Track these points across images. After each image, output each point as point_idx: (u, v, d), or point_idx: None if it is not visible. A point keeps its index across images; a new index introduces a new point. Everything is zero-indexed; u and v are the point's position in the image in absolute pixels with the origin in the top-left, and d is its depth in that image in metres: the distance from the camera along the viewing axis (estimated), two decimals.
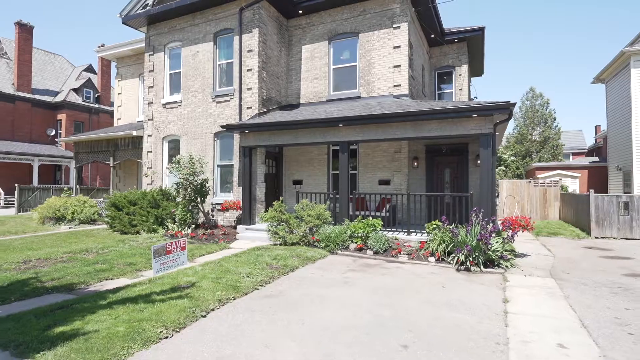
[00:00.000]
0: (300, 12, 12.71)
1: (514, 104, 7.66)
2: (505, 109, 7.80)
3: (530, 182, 15.85)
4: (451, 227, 7.25)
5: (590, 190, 11.98)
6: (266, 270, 6.44)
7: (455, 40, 15.18)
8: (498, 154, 30.56)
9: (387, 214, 10.41)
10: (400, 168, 11.43)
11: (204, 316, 4.36)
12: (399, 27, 11.47)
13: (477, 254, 6.84)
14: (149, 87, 13.85)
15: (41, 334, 3.74)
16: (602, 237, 10.86)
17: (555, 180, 16.07)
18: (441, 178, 11.46)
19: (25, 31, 26.72)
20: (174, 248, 5.69)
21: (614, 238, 10.75)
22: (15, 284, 5.64)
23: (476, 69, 19.07)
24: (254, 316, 4.42)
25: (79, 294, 5.22)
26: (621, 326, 4.18)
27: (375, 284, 5.91)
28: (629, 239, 10.64)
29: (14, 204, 20.67)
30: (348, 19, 12.26)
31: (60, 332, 3.78)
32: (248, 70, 11.77)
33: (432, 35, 14.57)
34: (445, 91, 15.96)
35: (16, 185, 19.40)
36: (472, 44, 15.64)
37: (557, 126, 32.09)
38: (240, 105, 11.80)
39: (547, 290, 5.59)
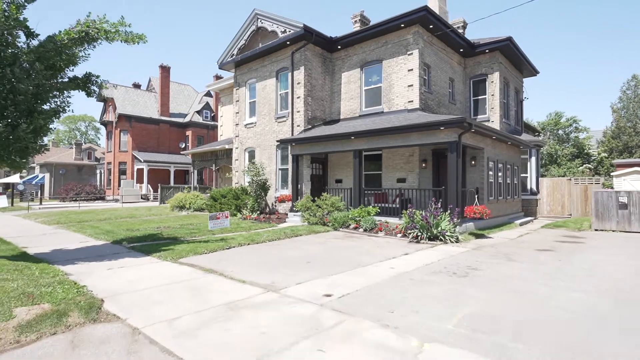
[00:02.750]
0: (339, 47, 16.23)
1: (464, 118, 9.90)
2: (461, 122, 10.08)
3: (570, 180, 16.17)
4: (409, 212, 9.95)
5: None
6: (279, 235, 10.27)
7: (487, 51, 16.64)
8: (585, 151, 28.56)
9: (398, 205, 13.19)
10: (413, 169, 13.98)
11: (228, 249, 8.42)
12: (411, 53, 14.06)
13: (425, 230, 9.46)
14: (236, 113, 19.08)
15: (156, 249, 8.28)
16: (602, 230, 11.62)
17: (605, 177, 16.02)
18: (445, 176, 13.58)
19: (165, 71, 36.04)
20: (220, 216, 9.97)
21: (613, 231, 11.44)
22: (150, 235, 10.65)
23: (526, 71, 19.62)
24: (250, 250, 8.30)
25: (177, 241, 9.84)
26: (443, 266, 6.76)
27: (340, 245, 9.19)
28: (627, 231, 11.23)
29: (158, 198, 28.86)
30: (375, 49, 15.28)
31: (163, 248, 8.27)
32: (297, 97, 15.80)
33: (462, 50, 16.46)
34: (480, 97, 17.40)
35: (159, 185, 27.34)
36: (506, 52, 16.84)
37: None
38: (292, 124, 15.91)
39: (447, 252, 8.09)
